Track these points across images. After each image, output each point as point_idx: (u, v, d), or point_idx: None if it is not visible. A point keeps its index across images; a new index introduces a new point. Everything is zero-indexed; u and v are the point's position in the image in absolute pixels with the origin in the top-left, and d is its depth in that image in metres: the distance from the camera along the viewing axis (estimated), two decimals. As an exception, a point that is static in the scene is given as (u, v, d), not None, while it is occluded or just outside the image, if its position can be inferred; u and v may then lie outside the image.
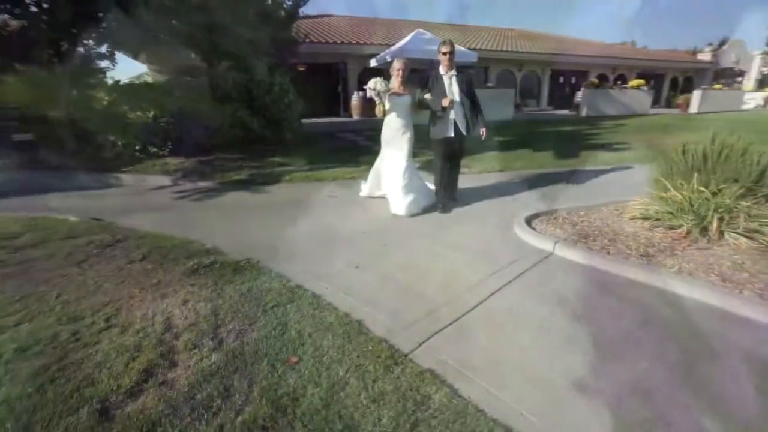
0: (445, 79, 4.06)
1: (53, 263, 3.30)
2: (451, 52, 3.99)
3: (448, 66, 4.04)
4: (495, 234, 3.62)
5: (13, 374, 1.91)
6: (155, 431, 1.54)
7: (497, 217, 4.06)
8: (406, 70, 4.16)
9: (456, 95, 4.04)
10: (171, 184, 6.50)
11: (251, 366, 1.89)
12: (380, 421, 1.54)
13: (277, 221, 4.29)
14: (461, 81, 4.07)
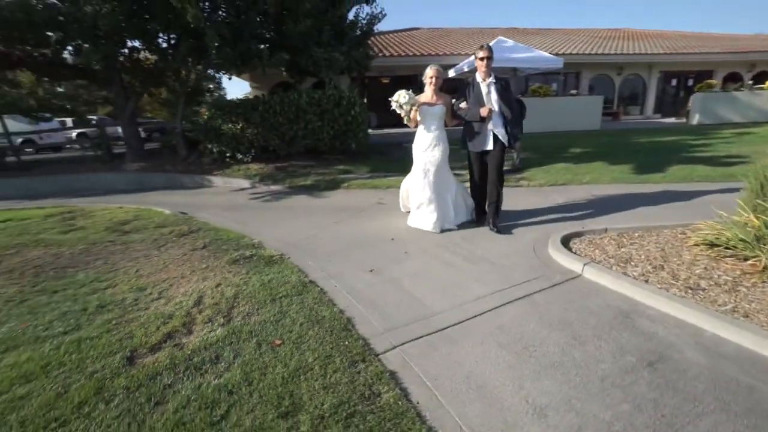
0: (483, 86, 3.75)
1: (143, 245, 4.14)
2: (489, 58, 3.66)
3: (486, 72, 3.71)
4: (525, 250, 3.43)
5: (89, 322, 2.52)
6: (155, 379, 1.92)
7: (538, 233, 3.82)
8: (440, 77, 3.91)
9: (495, 104, 3.71)
10: (249, 186, 7.49)
11: (243, 342, 2.20)
12: (322, 405, 1.68)
13: (321, 223, 4.67)
14: (500, 89, 3.73)
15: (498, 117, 3.74)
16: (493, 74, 3.74)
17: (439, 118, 3.97)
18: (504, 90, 3.75)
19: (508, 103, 3.75)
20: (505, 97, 3.74)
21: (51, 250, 4.12)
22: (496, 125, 3.75)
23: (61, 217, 5.44)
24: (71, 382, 1.94)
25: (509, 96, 3.78)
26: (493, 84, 3.73)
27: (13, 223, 5.29)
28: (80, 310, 2.72)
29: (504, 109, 3.73)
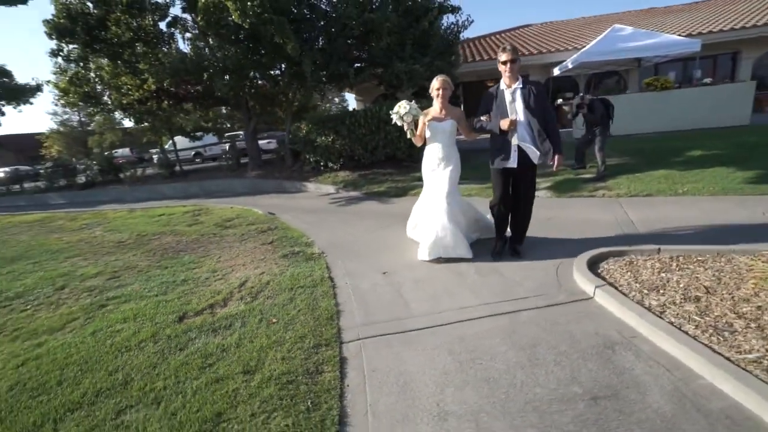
0: (507, 94, 3.20)
1: (232, 238, 5.26)
2: (512, 61, 3.09)
3: (511, 78, 3.16)
4: (546, 267, 3.22)
5: (172, 290, 3.50)
6: (186, 334, 2.64)
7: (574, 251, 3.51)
8: (447, 89, 3.48)
9: (520, 113, 3.14)
10: (334, 191, 8.44)
11: (251, 317, 2.79)
12: (274, 371, 2.11)
13: (371, 227, 5.13)
14: (527, 95, 3.13)
15: (524, 129, 3.16)
16: (520, 79, 3.19)
17: (449, 135, 3.54)
18: (533, 96, 3.13)
19: (539, 111, 3.14)
20: (535, 105, 3.13)
21: (177, 238, 5.58)
22: (522, 138, 3.16)
23: (192, 214, 7.18)
24: (143, 327, 2.82)
25: (540, 103, 3.15)
26: (519, 90, 3.16)
27: (164, 216, 7.24)
28: (171, 281, 3.75)
29: (531, 120, 3.12)
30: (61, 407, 2.02)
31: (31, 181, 14.65)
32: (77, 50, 8.38)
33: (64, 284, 4.01)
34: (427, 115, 3.54)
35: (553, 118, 3.25)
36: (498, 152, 3.28)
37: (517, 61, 3.13)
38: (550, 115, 3.21)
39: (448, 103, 3.54)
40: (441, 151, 3.55)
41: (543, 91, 3.21)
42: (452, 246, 3.45)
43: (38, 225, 7.94)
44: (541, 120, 3.13)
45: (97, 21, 8.05)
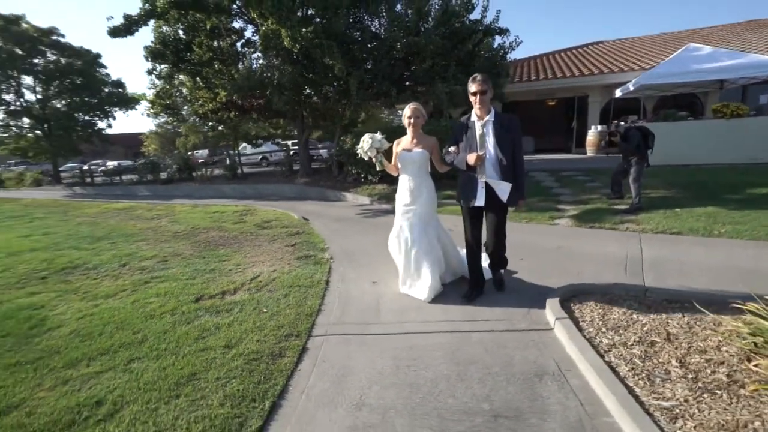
0: (477, 126, 2.94)
1: (264, 238, 5.96)
2: (482, 92, 2.86)
3: (483, 110, 2.93)
4: (524, 297, 3.33)
5: (200, 276, 4.19)
6: (196, 312, 3.22)
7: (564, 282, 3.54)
8: (419, 118, 3.29)
9: (490, 148, 2.91)
10: (368, 203, 8.94)
11: (248, 305, 3.31)
12: (247, 348, 2.57)
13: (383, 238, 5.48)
14: (499, 129, 2.91)
15: (492, 165, 2.93)
16: (493, 111, 2.96)
17: (419, 166, 3.33)
18: (504, 130, 2.92)
19: (510, 146, 2.93)
20: (506, 140, 2.91)
21: (221, 233, 6.44)
22: (490, 175, 2.94)
23: (240, 213, 8.13)
24: (168, 302, 3.48)
25: (512, 138, 2.95)
26: (491, 123, 2.92)
27: (217, 213, 8.29)
28: (202, 269, 4.46)
29: (501, 156, 2.90)
30: (95, 351, 2.67)
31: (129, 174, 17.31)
32: (166, 69, 10.06)
33: (126, 262, 4.94)
34: (399, 144, 3.40)
35: (521, 155, 3.03)
36: (464, 189, 3.07)
37: (488, 92, 2.89)
38: (520, 152, 2.99)
39: (422, 133, 3.38)
40: (411, 182, 3.36)
41: (517, 125, 3.01)
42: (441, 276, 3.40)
43: (124, 212, 9.53)
44: (509, 157, 2.93)
45: (184, 45, 9.58)
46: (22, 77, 17.51)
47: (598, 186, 7.92)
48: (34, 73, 17.30)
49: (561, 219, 5.83)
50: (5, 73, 16.86)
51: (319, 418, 1.95)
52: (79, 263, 4.95)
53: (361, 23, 9.17)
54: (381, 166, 3.47)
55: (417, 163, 3.32)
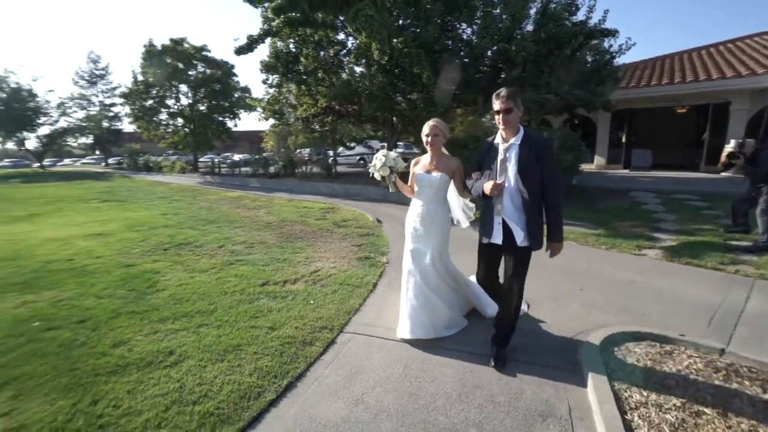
0: (501, 150, 2.46)
1: (336, 236, 6.51)
2: (507, 111, 2.36)
3: (506, 131, 2.43)
4: (561, 329, 3.10)
5: (272, 264, 4.86)
6: (259, 295, 3.80)
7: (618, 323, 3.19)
8: (438, 136, 2.84)
9: (511, 177, 2.40)
10: (444, 211, 8.94)
11: (300, 295, 3.76)
12: (286, 332, 2.97)
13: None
14: (526, 154, 2.37)
15: (510, 197, 2.42)
16: (522, 132, 2.44)
17: (436, 190, 2.92)
18: (533, 156, 2.36)
19: (535, 177, 2.37)
20: (532, 168, 2.37)
21: (303, 227, 7.22)
22: (507, 211, 2.44)
23: (324, 211, 8.94)
24: (241, 282, 4.14)
25: (542, 167, 2.38)
26: (516, 147, 2.41)
27: (305, 209, 9.25)
28: (277, 258, 5.14)
29: (522, 188, 2.38)
30: (179, 313, 3.38)
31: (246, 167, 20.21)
32: (276, 79, 11.58)
33: (223, 245, 5.94)
34: (417, 164, 3.03)
35: (555, 188, 2.44)
36: (481, 221, 2.64)
37: (513, 111, 2.38)
38: (552, 184, 2.41)
39: (444, 153, 2.96)
40: (422, 208, 2.96)
41: (549, 151, 2.48)
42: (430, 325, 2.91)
43: (234, 201, 11.27)
44: (536, 190, 2.38)
45: (293, 57, 10.88)
46: (180, 86, 21.86)
47: (717, 215, 6.63)
48: (188, 83, 21.47)
49: (651, 250, 5.10)
50: (170, 83, 21.27)
51: (322, 405, 2.21)
52: (190, 241, 6.13)
53: (452, 30, 9.22)
54: (394, 188, 3.08)
55: (434, 188, 2.90)
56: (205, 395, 2.24)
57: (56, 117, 31.07)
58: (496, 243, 2.52)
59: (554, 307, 3.46)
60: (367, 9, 7.19)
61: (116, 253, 5.32)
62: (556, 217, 2.44)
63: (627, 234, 5.79)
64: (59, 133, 32.42)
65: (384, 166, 2.97)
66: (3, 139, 32.01)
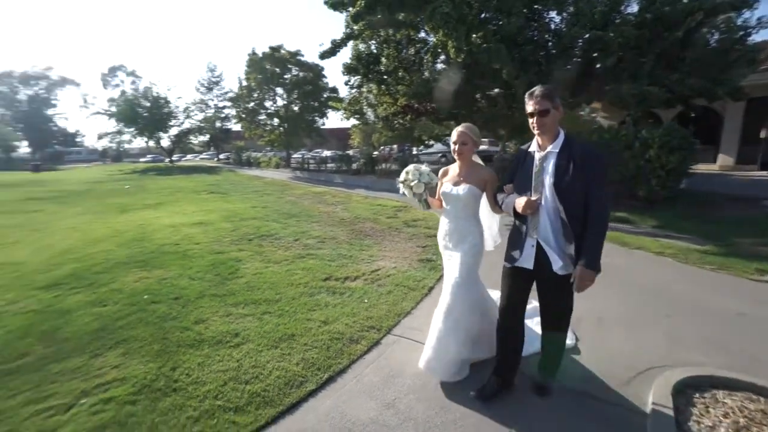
0: (536, 159, 2.10)
1: (403, 235, 6.61)
2: (543, 112, 1.97)
3: (542, 137, 2.07)
4: (635, 362, 2.72)
5: (337, 260, 5.16)
6: (320, 288, 4.08)
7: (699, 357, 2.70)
8: (467, 144, 2.47)
9: (547, 192, 2.02)
10: (520, 214, 8.42)
11: (356, 293, 3.93)
12: (335, 329, 3.16)
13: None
14: (565, 165, 1.98)
15: (548, 217, 2.04)
16: (562, 137, 2.03)
17: (464, 205, 2.53)
18: (576, 168, 1.95)
19: (580, 192, 1.95)
20: (574, 182, 1.95)
21: (373, 225, 7.48)
22: (543, 232, 2.07)
23: (396, 209, 9.10)
24: (306, 276, 4.49)
25: (583, 182, 1.94)
26: (554, 156, 2.02)
27: (379, 207, 9.52)
28: (343, 254, 5.43)
29: (560, 206, 1.98)
30: (250, 299, 3.81)
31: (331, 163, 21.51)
32: (357, 80, 12.06)
33: (298, 238, 6.47)
34: (446, 174, 2.67)
35: (599, 207, 1.96)
36: (510, 240, 2.25)
37: (550, 113, 1.97)
38: (596, 202, 1.95)
39: (476, 162, 2.59)
40: (449, 224, 2.64)
41: (596, 163, 1.98)
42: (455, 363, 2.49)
43: (317, 196, 12.11)
44: (577, 208, 1.97)
45: (374, 58, 11.21)
46: (276, 89, 24.15)
47: None
48: (283, 85, 23.60)
49: None
50: (269, 86, 23.64)
51: (355, 403, 2.32)
52: (272, 233, 6.81)
53: (539, 20, 8.54)
54: (426, 206, 2.72)
55: (462, 202, 2.52)
56: (257, 377, 2.52)
57: (182, 119, 36.84)
58: (526, 268, 2.12)
59: (626, 333, 3.06)
60: (444, 6, 7.06)
61: (211, 241, 6.17)
62: (594, 240, 1.95)
63: (745, 253, 4.78)
64: (184, 133, 38.38)
65: (419, 183, 2.63)
66: (147, 139, 39.04)
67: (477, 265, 2.59)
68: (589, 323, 3.20)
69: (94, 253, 5.43)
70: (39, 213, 9.67)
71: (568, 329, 2.36)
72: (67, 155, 49.87)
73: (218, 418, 2.14)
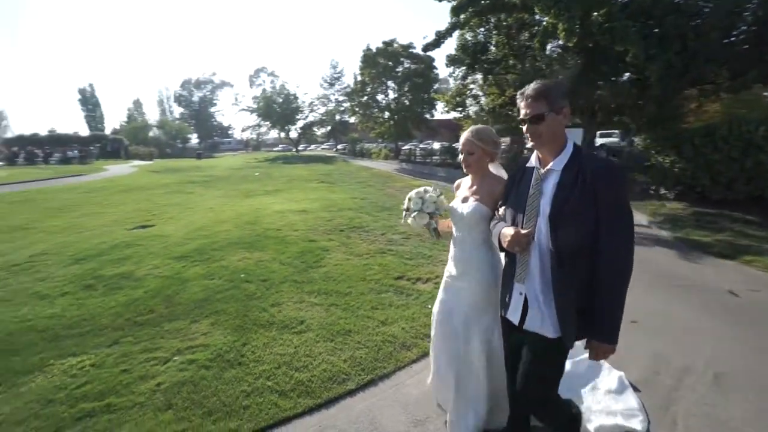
0: (533, 178, 1.59)
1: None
2: (536, 119, 1.48)
3: (542, 150, 1.58)
4: None
5: (411, 260, 5.15)
6: (390, 285, 4.14)
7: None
8: (475, 153, 1.95)
9: (541, 222, 1.52)
10: (645, 224, 7.06)
11: (421, 296, 3.87)
12: (390, 331, 3.17)
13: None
14: (568, 188, 1.46)
15: (537, 259, 1.54)
16: (570, 151, 1.51)
17: (468, 225, 1.98)
18: (581, 194, 1.43)
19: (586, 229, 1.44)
20: (579, 214, 1.43)
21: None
22: (533, 279, 1.56)
23: (489, 207, 8.57)
24: (381, 271, 4.60)
25: (595, 211, 1.42)
26: (555, 176, 1.52)
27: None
28: (423, 254, 5.38)
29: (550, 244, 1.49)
30: (321, 290, 4.07)
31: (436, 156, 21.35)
32: (462, 72, 11.56)
33: (385, 232, 6.64)
34: (459, 188, 2.19)
35: (617, 250, 1.42)
36: (503, 281, 1.77)
37: (546, 119, 1.47)
38: (612, 244, 1.42)
39: (492, 172, 2.02)
40: (453, 250, 2.12)
41: (613, 185, 1.43)
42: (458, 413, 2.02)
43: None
44: (583, 249, 1.45)
45: (481, 47, 10.59)
46: (388, 82, 24.94)
47: None
48: (395, 78, 24.22)
49: None
50: (381, 80, 24.57)
51: (387, 413, 2.31)
52: (363, 225, 7.15)
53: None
54: (436, 236, 2.29)
55: (465, 220, 1.98)
56: (306, 366, 2.72)
57: (307, 113, 41.18)
58: (512, 322, 1.65)
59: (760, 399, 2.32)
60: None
61: (308, 229, 6.80)
62: (609, 299, 1.44)
63: None
64: (308, 125, 42.89)
65: (421, 212, 2.19)
66: (279, 131, 44.92)
67: (491, 299, 1.93)
68: (698, 379, 2.53)
69: (217, 232, 6.55)
70: (191, 194, 12.09)
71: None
72: (221, 145, 60.96)
73: (264, 398, 2.39)
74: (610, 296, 1.44)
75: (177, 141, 56.15)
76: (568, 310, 1.46)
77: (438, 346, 2.17)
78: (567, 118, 1.54)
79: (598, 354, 1.51)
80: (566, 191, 1.46)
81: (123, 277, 4.50)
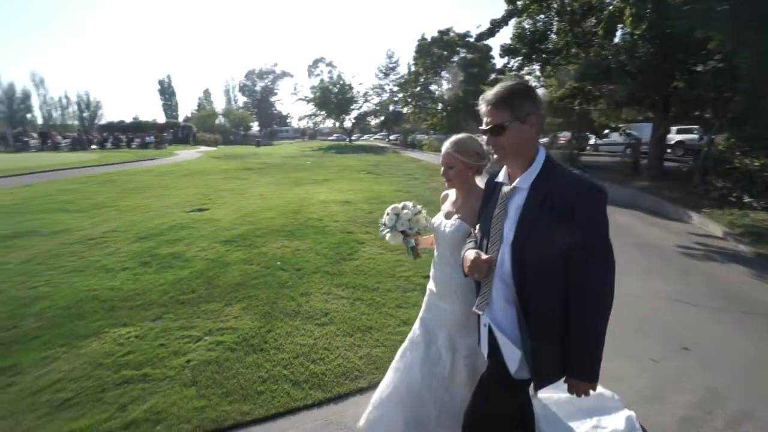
0: (501, 196, 1.38)
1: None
2: (498, 129, 1.26)
3: (509, 164, 1.38)
4: None
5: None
6: (416, 285, 4.09)
7: None
8: (455, 167, 1.75)
9: (506, 244, 1.31)
10: (720, 236, 6.24)
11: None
12: (409, 332, 3.14)
13: (667, 293, 3.98)
14: (535, 209, 1.25)
15: (503, 290, 1.35)
16: (540, 165, 1.30)
17: (452, 246, 1.76)
18: (550, 216, 1.23)
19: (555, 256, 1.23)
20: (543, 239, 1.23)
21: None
22: (497, 311, 1.38)
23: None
24: (410, 269, 4.55)
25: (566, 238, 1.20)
26: (521, 195, 1.32)
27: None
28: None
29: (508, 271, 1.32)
30: (349, 283, 4.13)
31: (488, 149, 20.50)
32: (517, 63, 10.86)
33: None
34: (445, 201, 1.98)
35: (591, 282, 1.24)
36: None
37: (508, 130, 1.27)
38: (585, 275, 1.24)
39: (478, 186, 1.77)
40: (434, 270, 1.93)
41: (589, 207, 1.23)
42: None
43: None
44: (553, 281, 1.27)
45: (539, 35, 9.87)
46: (442, 73, 24.34)
47: None
48: (449, 68, 23.56)
49: None
50: (435, 70, 24.05)
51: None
52: (400, 219, 7.10)
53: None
54: (415, 256, 2.14)
55: (447, 240, 1.79)
56: (322, 359, 2.78)
57: (361, 103, 41.67)
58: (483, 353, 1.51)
59: None
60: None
61: (347, 221, 6.92)
62: (583, 336, 1.27)
63: None
64: (362, 115, 43.41)
65: (394, 231, 2.08)
66: (334, 120, 46.01)
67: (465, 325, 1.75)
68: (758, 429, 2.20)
69: (263, 219, 6.90)
70: (246, 180, 12.84)
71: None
72: (279, 133, 63.94)
73: (279, 386, 2.49)
74: (584, 331, 1.27)
75: (240, 128, 59.94)
76: (541, 349, 1.29)
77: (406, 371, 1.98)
78: (536, 128, 1.31)
79: (577, 391, 1.34)
80: (533, 213, 1.27)
81: (174, 257, 4.92)
